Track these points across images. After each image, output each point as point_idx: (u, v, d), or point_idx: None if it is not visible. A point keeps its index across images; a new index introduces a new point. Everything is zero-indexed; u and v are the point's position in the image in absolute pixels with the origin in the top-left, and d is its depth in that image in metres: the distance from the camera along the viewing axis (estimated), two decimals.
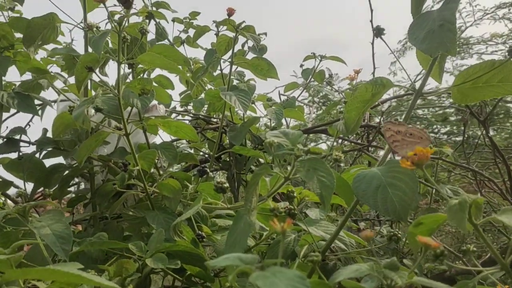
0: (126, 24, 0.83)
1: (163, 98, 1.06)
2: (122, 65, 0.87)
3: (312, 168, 0.60)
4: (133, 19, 1.10)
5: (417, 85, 0.75)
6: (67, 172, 1.00)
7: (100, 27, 0.87)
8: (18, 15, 1.26)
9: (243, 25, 1.08)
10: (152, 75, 1.14)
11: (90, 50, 0.96)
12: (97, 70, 0.82)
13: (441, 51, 0.67)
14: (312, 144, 2.59)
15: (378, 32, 0.80)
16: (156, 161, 1.17)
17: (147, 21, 1.14)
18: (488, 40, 3.59)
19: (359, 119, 0.79)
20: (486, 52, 3.62)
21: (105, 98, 0.91)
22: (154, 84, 0.97)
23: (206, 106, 1.47)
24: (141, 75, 1.04)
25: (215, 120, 1.44)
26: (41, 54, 1.19)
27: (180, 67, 0.92)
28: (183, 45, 1.62)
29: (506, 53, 0.67)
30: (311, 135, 2.33)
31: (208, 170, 0.83)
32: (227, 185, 0.69)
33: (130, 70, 0.98)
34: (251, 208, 0.61)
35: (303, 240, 0.79)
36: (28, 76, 1.17)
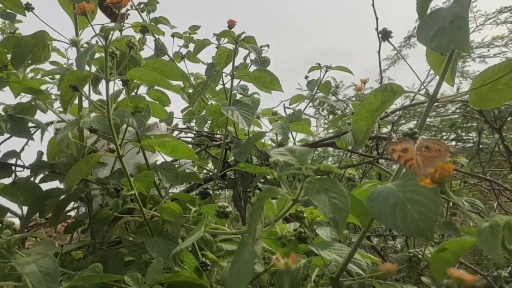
0: (114, 38, 0.77)
1: (159, 113, 1.00)
2: (115, 82, 0.82)
3: (323, 189, 0.54)
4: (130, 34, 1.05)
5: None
6: (62, 197, 0.95)
7: (90, 43, 0.82)
8: None
9: (243, 36, 1.03)
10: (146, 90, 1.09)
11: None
12: (86, 88, 0.76)
13: (452, 49, 0.61)
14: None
15: (385, 35, 0.74)
16: (158, 182, 1.11)
17: (141, 35, 1.09)
18: (489, 43, 3.54)
19: (368, 130, 0.73)
20: (488, 55, 3.56)
21: (100, 118, 0.86)
22: (150, 99, 0.92)
23: (209, 122, 1.42)
24: (135, 91, 0.98)
25: (219, 136, 1.38)
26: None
27: (174, 82, 0.87)
28: (184, 60, 1.58)
29: None
30: (319, 148, 2.27)
31: (211, 192, 0.77)
32: (229, 209, 0.63)
33: (124, 87, 0.93)
34: (255, 237, 0.55)
35: (313, 264, 0.73)
36: (27, 98, 1.13)
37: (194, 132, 1.40)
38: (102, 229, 0.89)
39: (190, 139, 1.46)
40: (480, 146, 2.25)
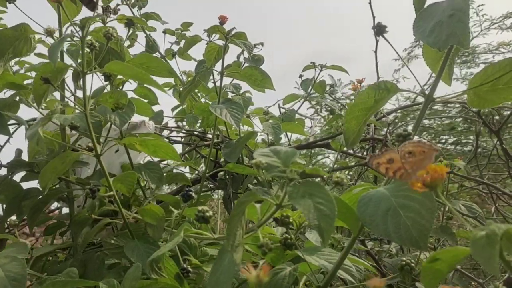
0: (92, 28, 0.73)
1: (145, 111, 0.96)
2: (100, 78, 0.78)
3: (308, 194, 0.50)
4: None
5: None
6: (40, 197, 0.91)
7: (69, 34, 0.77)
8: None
9: (233, 32, 0.99)
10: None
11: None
12: (64, 82, 0.72)
13: (451, 44, 0.57)
14: (319, 157, 2.48)
15: (379, 30, 0.70)
16: (145, 182, 1.07)
17: (131, 30, 1.05)
18: (495, 49, 3.51)
19: (360, 130, 0.69)
20: (493, 61, 3.53)
21: (83, 114, 0.82)
22: (135, 96, 0.88)
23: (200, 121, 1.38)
24: (121, 87, 0.94)
25: (210, 136, 1.35)
26: None
27: (163, 80, 0.83)
28: (175, 58, 1.54)
29: None
30: (315, 150, 2.23)
31: (193, 194, 0.73)
32: (209, 213, 0.59)
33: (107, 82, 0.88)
34: (235, 244, 0.51)
35: (299, 271, 0.69)
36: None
37: (184, 131, 1.36)
38: (81, 231, 0.85)
39: (179, 139, 1.42)
40: (479, 149, 2.21)
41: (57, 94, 1.10)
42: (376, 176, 1.47)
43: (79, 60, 0.83)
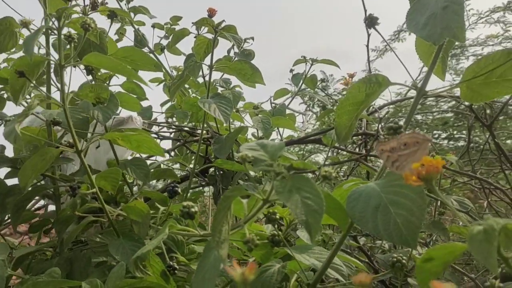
0: (68, 20, 0.71)
1: (131, 106, 0.94)
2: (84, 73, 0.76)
3: (295, 188, 0.48)
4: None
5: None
6: (23, 194, 0.88)
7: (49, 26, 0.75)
8: None
9: (223, 25, 0.97)
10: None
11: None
12: (50, 76, 0.70)
13: (446, 37, 0.56)
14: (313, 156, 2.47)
15: (371, 21, 0.68)
16: (132, 179, 1.05)
17: (120, 23, 1.03)
18: (483, 42, 3.52)
19: (351, 125, 0.67)
20: (482, 53, 3.54)
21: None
22: (122, 91, 0.86)
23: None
24: (107, 82, 0.92)
25: (200, 131, 1.33)
26: None
27: (147, 74, 0.81)
28: (165, 53, 1.51)
29: None
30: (310, 146, 2.21)
31: (179, 190, 0.72)
32: (195, 209, 0.57)
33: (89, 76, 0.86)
34: (220, 240, 0.49)
35: (290, 269, 0.68)
36: None
37: (174, 127, 1.34)
38: (65, 230, 0.83)
39: (168, 134, 1.40)
40: (472, 144, 2.21)
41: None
42: (368, 171, 1.46)
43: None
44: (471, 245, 0.38)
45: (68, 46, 0.74)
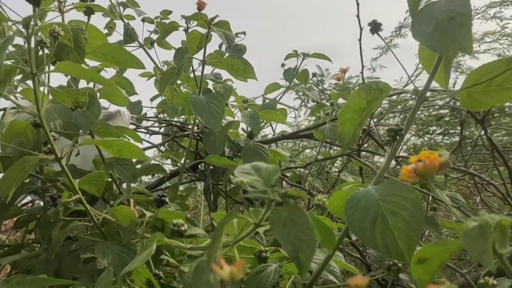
0: (38, 25, 0.69)
1: (118, 100, 0.92)
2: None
3: (289, 221, 0.48)
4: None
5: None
6: None
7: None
8: None
9: (216, 20, 0.96)
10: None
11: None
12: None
13: (454, 50, 0.55)
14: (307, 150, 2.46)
15: (375, 27, 0.68)
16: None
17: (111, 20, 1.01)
18: (480, 39, 3.51)
19: (355, 131, 0.66)
20: (479, 50, 3.53)
21: (51, 109, 0.78)
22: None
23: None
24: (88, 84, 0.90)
25: (191, 126, 1.31)
26: None
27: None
28: (154, 47, 1.49)
29: None
30: (305, 142, 2.20)
31: (167, 200, 0.71)
32: (185, 227, 0.57)
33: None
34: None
35: (285, 270, 0.67)
36: None
37: (163, 122, 1.32)
38: (49, 233, 0.81)
39: (160, 129, 1.39)
40: (466, 140, 2.21)
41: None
42: (361, 167, 1.45)
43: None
44: (466, 241, 0.38)
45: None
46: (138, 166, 0.99)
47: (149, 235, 0.75)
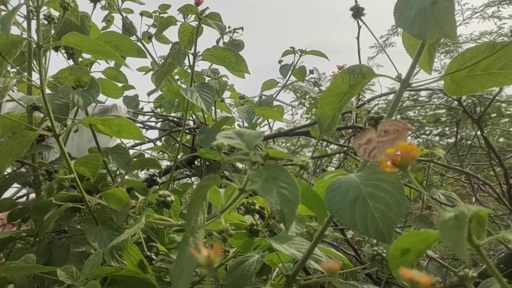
0: None
1: (112, 92, 0.92)
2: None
3: (271, 178, 0.47)
4: None
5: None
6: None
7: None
8: None
9: (207, 12, 0.96)
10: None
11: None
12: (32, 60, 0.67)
13: (437, 35, 0.54)
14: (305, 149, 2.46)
15: (357, 12, 0.67)
16: (116, 168, 1.04)
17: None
18: (477, 38, 3.51)
19: (335, 116, 0.66)
20: None
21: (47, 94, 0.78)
22: (104, 77, 0.84)
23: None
24: (89, 69, 0.90)
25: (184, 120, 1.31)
26: None
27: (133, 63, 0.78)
28: (152, 42, 1.49)
29: (510, 34, 0.55)
30: (303, 141, 2.20)
31: (158, 180, 0.70)
32: (171, 198, 0.56)
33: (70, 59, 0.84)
34: (195, 228, 0.48)
35: (269, 260, 0.67)
36: None
37: (160, 116, 1.32)
38: (42, 218, 0.81)
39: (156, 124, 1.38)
40: (462, 140, 2.21)
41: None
42: (357, 165, 1.45)
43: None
44: (441, 231, 0.38)
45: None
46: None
47: None
